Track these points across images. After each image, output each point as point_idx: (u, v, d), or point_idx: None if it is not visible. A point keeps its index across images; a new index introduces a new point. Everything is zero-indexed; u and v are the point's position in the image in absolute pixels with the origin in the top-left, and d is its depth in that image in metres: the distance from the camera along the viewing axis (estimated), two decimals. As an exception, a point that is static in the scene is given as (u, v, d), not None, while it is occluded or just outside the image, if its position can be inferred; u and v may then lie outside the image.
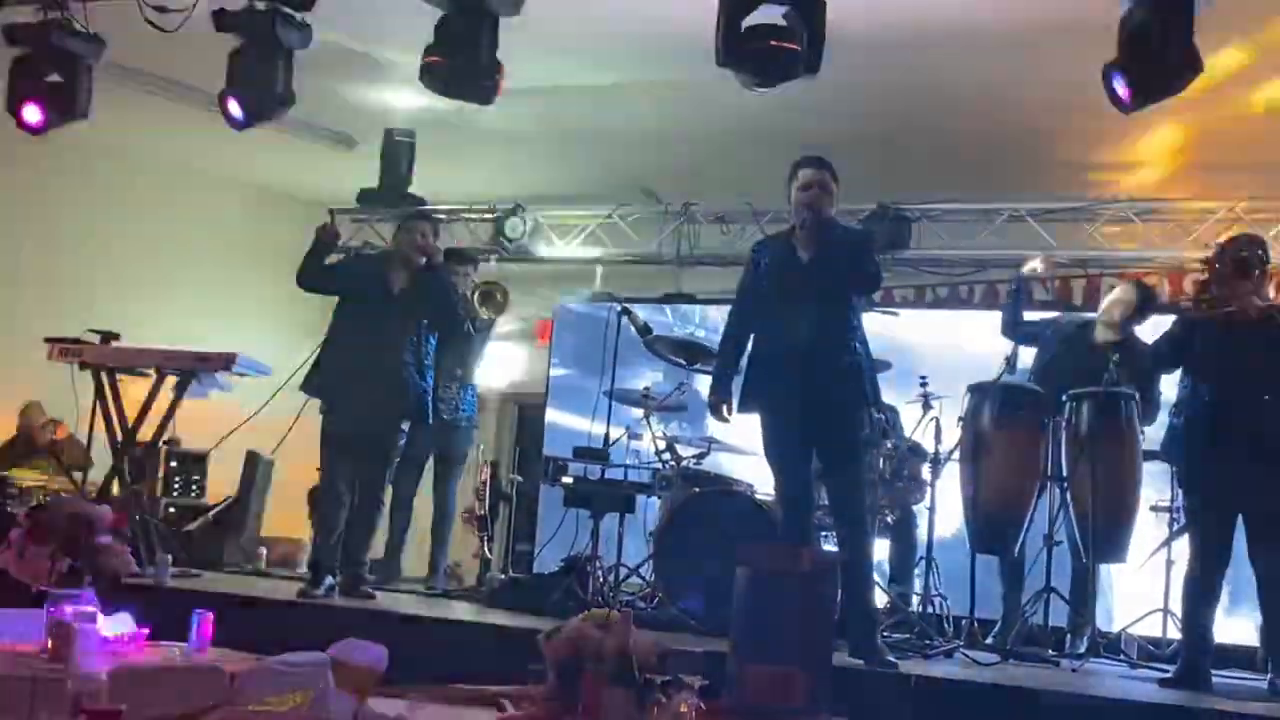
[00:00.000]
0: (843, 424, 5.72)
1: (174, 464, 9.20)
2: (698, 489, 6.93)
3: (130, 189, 10.54)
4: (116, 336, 7.81)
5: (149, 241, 10.56)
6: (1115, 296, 7.27)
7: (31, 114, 6.97)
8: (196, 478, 9.30)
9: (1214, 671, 5.88)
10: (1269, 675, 5.83)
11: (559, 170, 9.97)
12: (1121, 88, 5.70)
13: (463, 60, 6.17)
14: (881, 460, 6.88)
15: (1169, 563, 6.85)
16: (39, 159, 8.96)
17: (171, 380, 7.56)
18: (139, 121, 9.43)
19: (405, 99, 9.01)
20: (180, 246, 10.80)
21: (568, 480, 7.27)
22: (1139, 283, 7.52)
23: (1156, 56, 5.56)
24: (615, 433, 7.57)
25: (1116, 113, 5.85)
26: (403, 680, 3.66)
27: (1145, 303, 7.20)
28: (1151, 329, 6.97)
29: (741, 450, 7.77)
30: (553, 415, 10.19)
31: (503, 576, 8.21)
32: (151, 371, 7.63)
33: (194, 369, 7.44)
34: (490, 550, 8.86)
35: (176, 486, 9.24)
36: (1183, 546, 6.27)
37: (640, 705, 3.16)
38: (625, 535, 7.29)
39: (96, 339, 7.74)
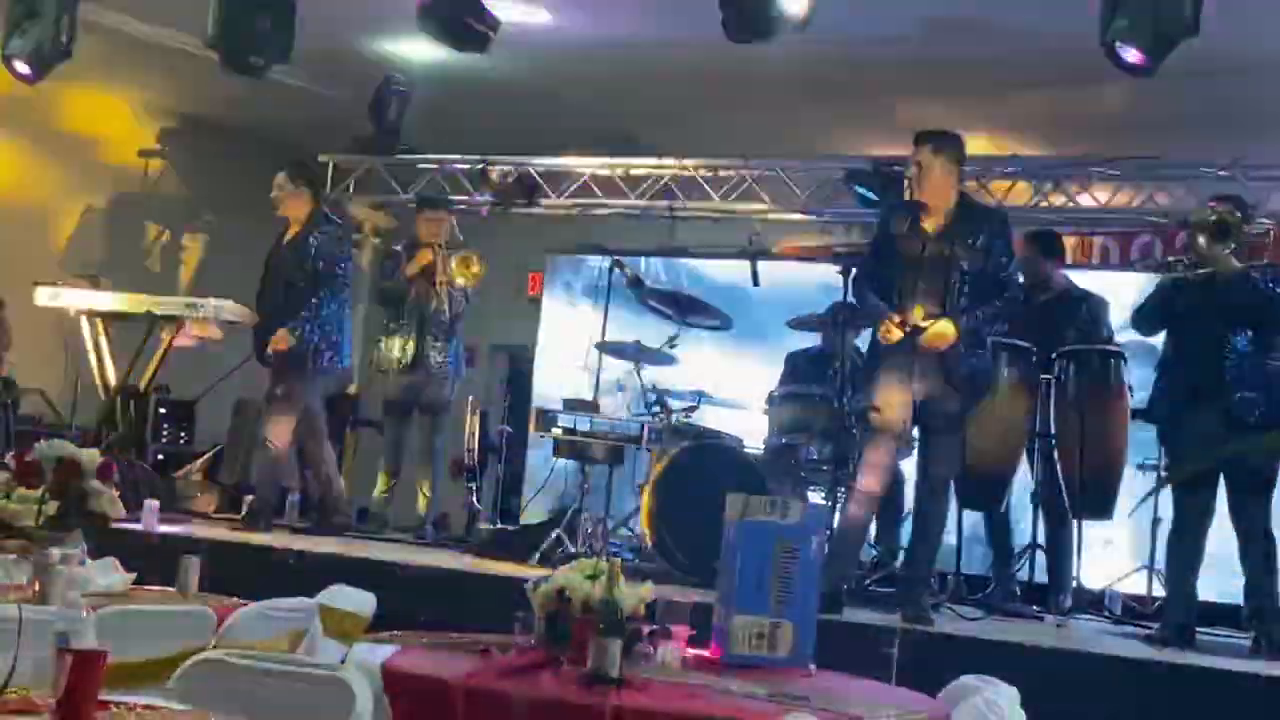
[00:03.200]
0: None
1: (163, 411, 9.19)
2: (687, 442, 6.94)
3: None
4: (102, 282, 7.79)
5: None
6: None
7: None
8: (185, 424, 9.29)
9: (1198, 629, 5.92)
10: (1252, 632, 5.86)
11: (550, 120, 9.91)
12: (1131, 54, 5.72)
13: (457, 7, 6.14)
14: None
15: (1155, 520, 6.86)
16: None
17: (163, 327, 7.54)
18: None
19: (401, 47, 8.96)
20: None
21: (557, 431, 7.28)
22: None
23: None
24: (606, 385, 7.57)
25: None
26: (390, 629, 3.67)
27: None
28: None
29: (731, 404, 7.78)
30: (542, 367, 10.18)
31: (491, 527, 8.22)
32: (143, 318, 7.62)
33: (184, 316, 7.42)
34: (479, 501, 8.87)
35: (165, 433, 9.24)
36: (1168, 505, 6.28)
37: (627, 655, 3.17)
38: (614, 487, 7.30)
39: (85, 284, 7.72)
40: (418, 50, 8.71)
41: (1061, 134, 9.14)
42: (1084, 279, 7.60)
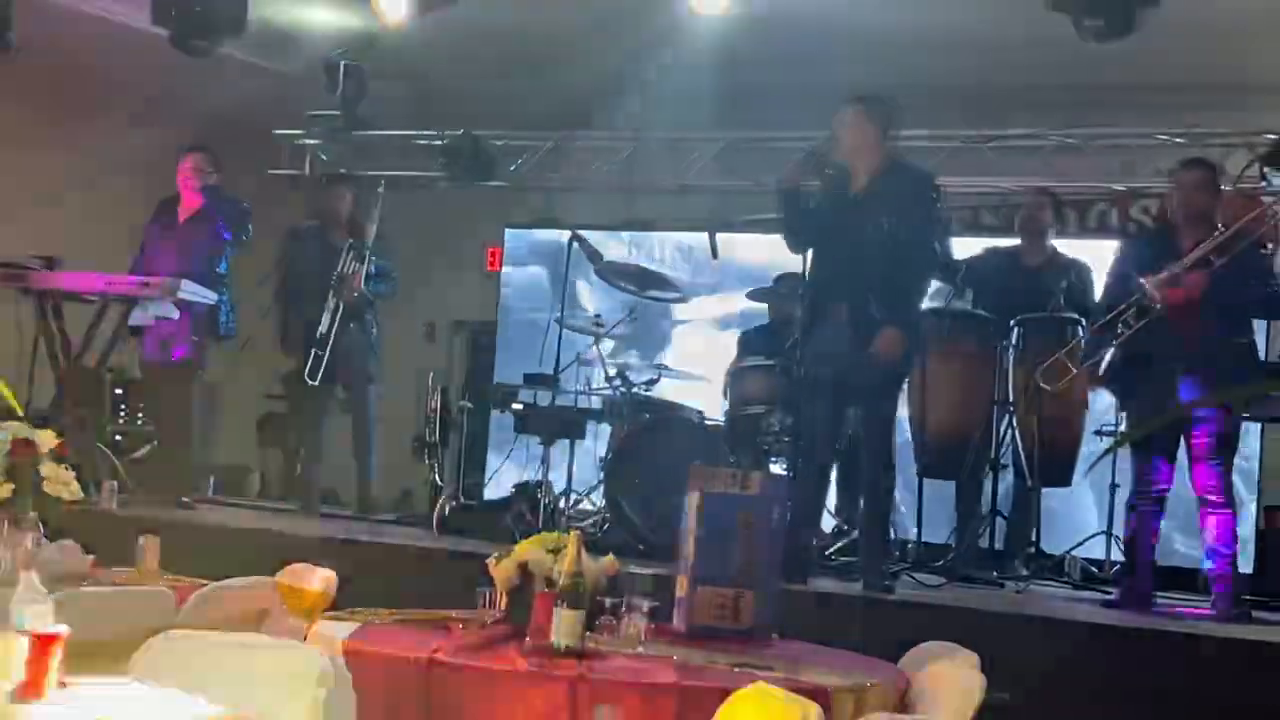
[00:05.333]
0: None
1: (119, 391, 9.11)
2: (648, 415, 6.94)
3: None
4: (58, 262, 7.70)
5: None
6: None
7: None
8: (142, 404, 9.22)
9: (1156, 593, 5.98)
10: (1211, 596, 5.92)
11: (510, 93, 9.86)
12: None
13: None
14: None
15: (1113, 486, 6.93)
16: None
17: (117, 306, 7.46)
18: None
19: (350, 20, 8.90)
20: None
21: (518, 406, 7.27)
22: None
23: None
24: (566, 359, 7.56)
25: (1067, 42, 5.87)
26: (352, 606, 3.66)
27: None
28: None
29: (691, 376, 7.79)
30: (503, 342, 10.15)
31: (453, 503, 8.21)
32: (96, 298, 7.53)
33: (138, 295, 7.34)
34: (440, 477, 8.85)
35: (122, 413, 9.16)
36: (1126, 469, 6.33)
37: (590, 627, 3.17)
38: (575, 461, 7.30)
39: (39, 264, 7.62)
40: (368, 24, 8.64)
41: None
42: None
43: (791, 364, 6.57)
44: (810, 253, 5.86)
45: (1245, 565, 6.37)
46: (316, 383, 8.12)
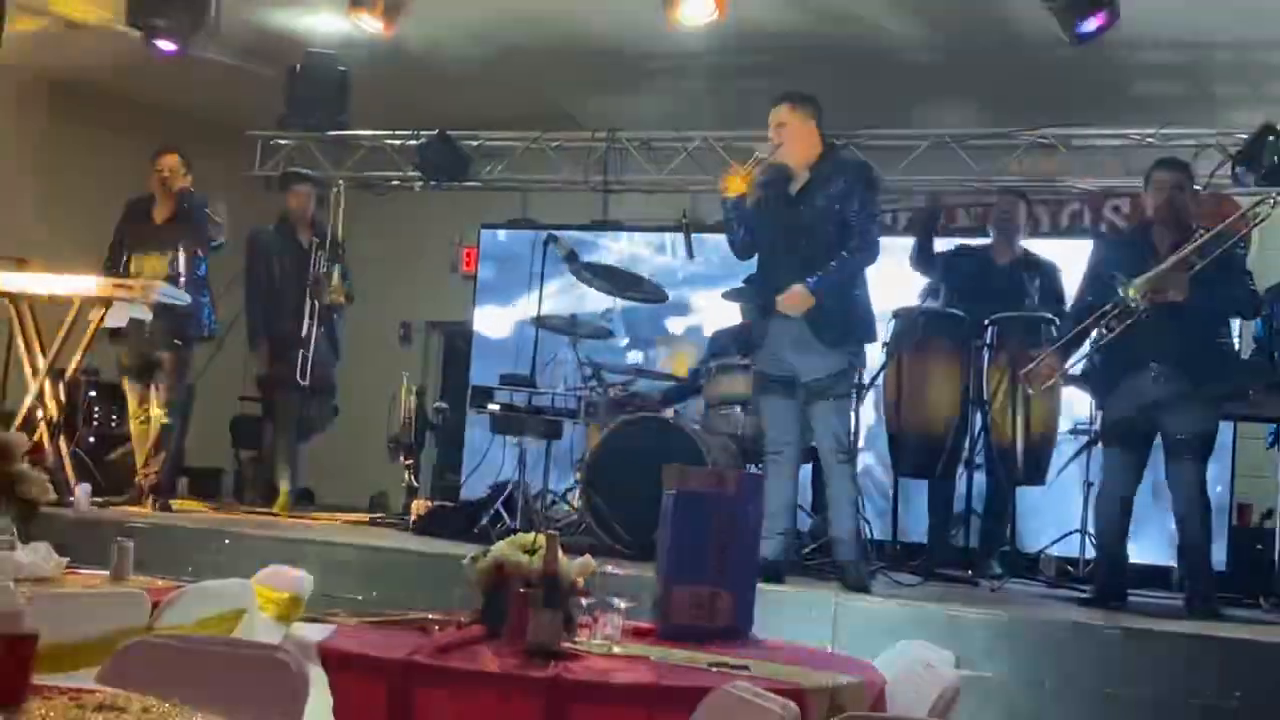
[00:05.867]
0: None
1: (93, 394, 9.07)
2: (624, 415, 6.95)
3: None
4: (27, 263, 7.66)
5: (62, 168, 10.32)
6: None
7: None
8: (116, 407, 9.17)
9: (1130, 590, 6.01)
10: (1184, 593, 5.95)
11: (483, 95, 9.85)
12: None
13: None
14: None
15: (1087, 484, 6.95)
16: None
17: (91, 308, 7.42)
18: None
19: (331, 23, 8.88)
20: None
21: (494, 407, 7.26)
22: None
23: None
24: (542, 360, 7.56)
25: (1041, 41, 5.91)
26: (328, 607, 3.65)
27: None
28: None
29: (668, 376, 7.79)
30: (479, 342, 10.14)
31: (429, 504, 8.20)
32: (70, 299, 7.49)
33: (113, 297, 7.30)
34: (416, 478, 8.84)
35: (96, 416, 9.12)
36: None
37: (567, 628, 3.17)
38: (552, 461, 7.30)
39: (10, 265, 7.58)
40: (343, 25, 8.62)
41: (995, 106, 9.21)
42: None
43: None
44: (758, 256, 5.93)
45: (1218, 562, 6.40)
46: (306, 383, 8.14)
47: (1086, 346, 6.13)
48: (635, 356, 7.80)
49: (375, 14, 7.84)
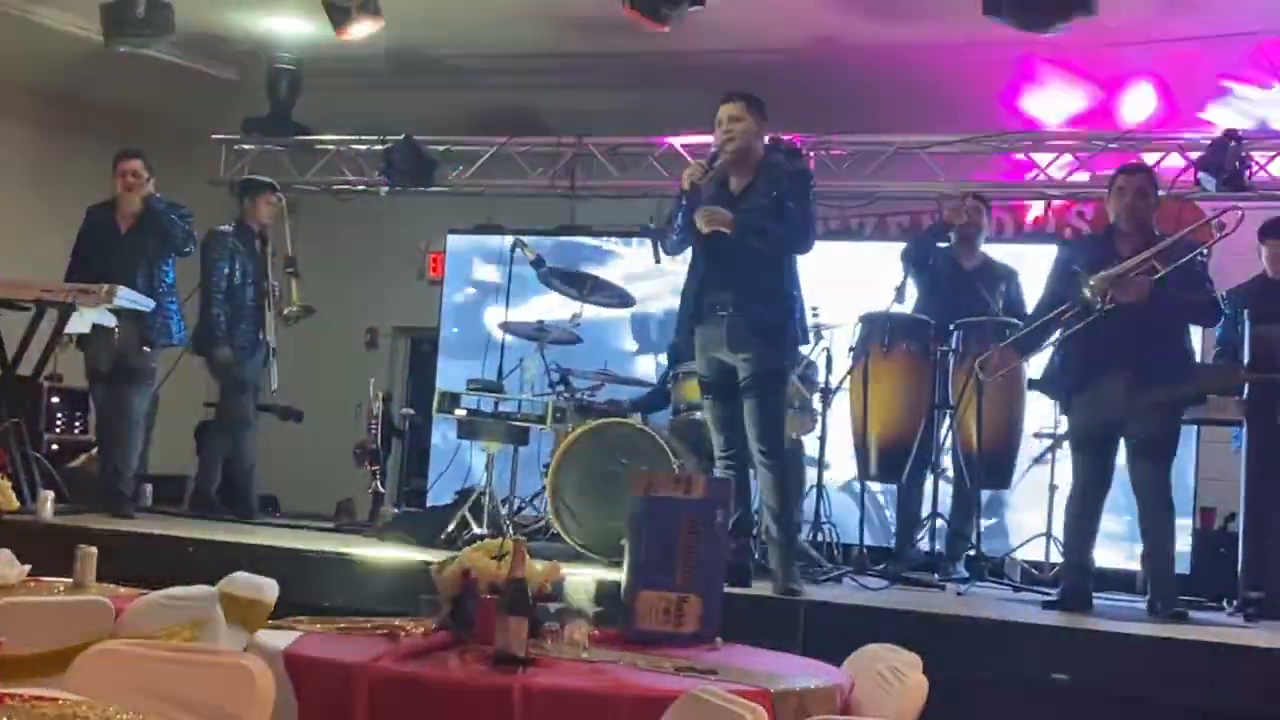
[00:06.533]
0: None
1: (55, 400, 9.00)
2: (591, 420, 6.94)
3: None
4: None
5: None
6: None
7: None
8: (79, 414, 9.11)
9: (1095, 594, 6.04)
10: (1148, 597, 5.99)
11: (449, 100, 9.84)
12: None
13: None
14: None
15: (1052, 488, 7.00)
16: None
17: (52, 313, 7.36)
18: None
19: (293, 26, 8.84)
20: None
21: (461, 413, 7.24)
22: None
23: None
24: (509, 365, 7.54)
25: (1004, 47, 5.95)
26: (294, 614, 3.63)
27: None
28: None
29: (634, 380, 7.80)
30: (445, 348, 10.11)
31: (396, 510, 8.17)
32: (31, 305, 7.43)
33: (75, 302, 7.24)
34: (383, 484, 8.80)
35: (59, 422, 9.05)
36: (1066, 472, 6.39)
37: (534, 634, 3.16)
38: (519, 467, 7.29)
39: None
40: (308, 30, 8.60)
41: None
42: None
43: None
44: (690, 253, 5.87)
45: (1182, 566, 6.45)
46: (275, 389, 8.11)
47: (1048, 347, 6.16)
48: (602, 360, 7.78)
49: (362, 18, 7.74)
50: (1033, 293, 6.60)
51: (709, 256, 5.78)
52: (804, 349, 6.49)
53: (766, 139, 6.14)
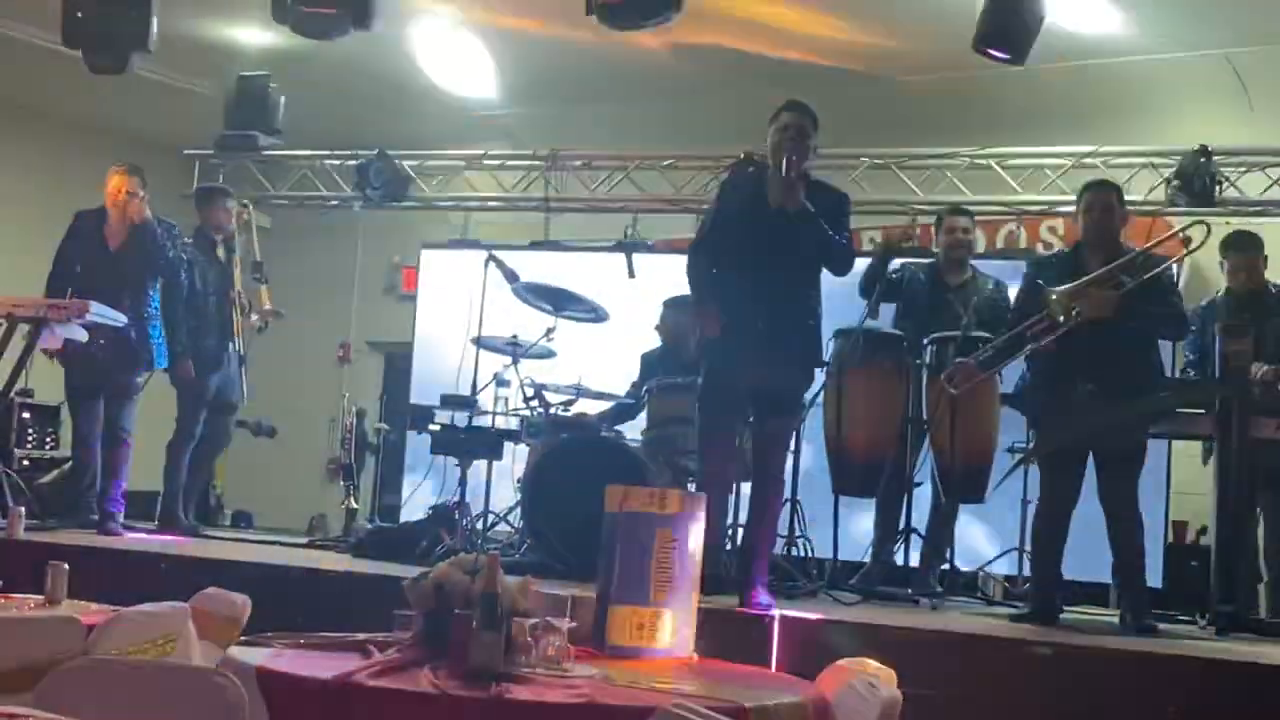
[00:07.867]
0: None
1: (27, 416, 8.95)
2: (565, 435, 6.94)
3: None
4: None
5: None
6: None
7: None
8: (51, 430, 9.06)
9: (1067, 607, 6.06)
10: (1119, 610, 6.01)
11: (426, 114, 9.84)
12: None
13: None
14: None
15: (1024, 502, 7.02)
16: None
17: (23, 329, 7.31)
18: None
19: (261, 38, 8.84)
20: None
21: (435, 427, 7.23)
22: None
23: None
24: (483, 380, 7.54)
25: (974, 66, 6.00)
26: (266, 630, 3.61)
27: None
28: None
29: (609, 396, 7.80)
30: (419, 363, 10.09)
31: (369, 526, 8.14)
32: (2, 320, 7.37)
33: (47, 318, 7.19)
34: (356, 499, 8.79)
35: (30, 439, 9.00)
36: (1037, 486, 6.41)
37: (507, 650, 3.16)
38: (493, 481, 7.28)
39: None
40: (279, 42, 8.59)
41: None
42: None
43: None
44: (723, 262, 5.81)
45: (1153, 579, 6.47)
46: (244, 404, 8.08)
47: (1014, 362, 6.19)
48: (576, 375, 7.78)
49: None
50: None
51: (747, 267, 5.68)
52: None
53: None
